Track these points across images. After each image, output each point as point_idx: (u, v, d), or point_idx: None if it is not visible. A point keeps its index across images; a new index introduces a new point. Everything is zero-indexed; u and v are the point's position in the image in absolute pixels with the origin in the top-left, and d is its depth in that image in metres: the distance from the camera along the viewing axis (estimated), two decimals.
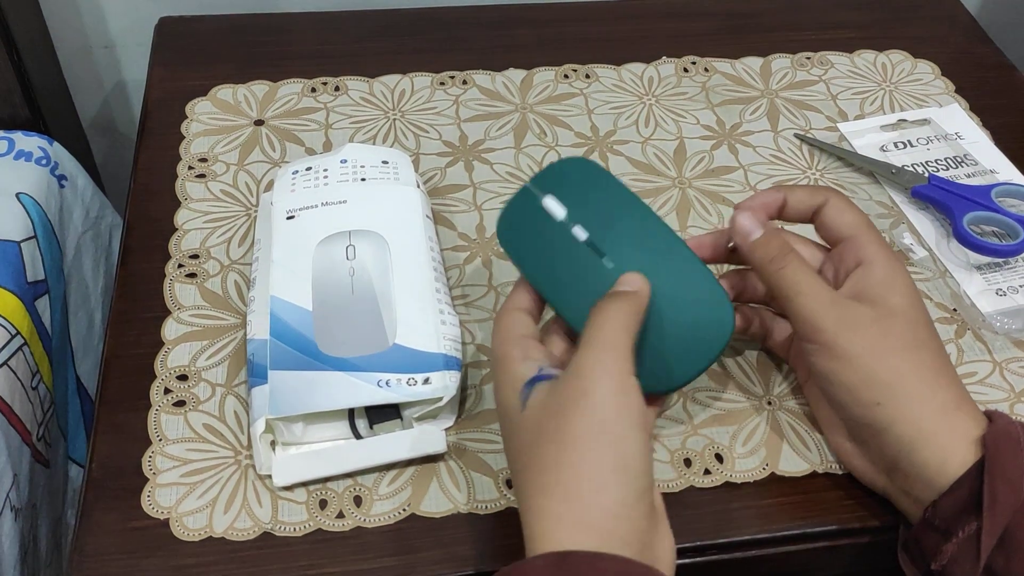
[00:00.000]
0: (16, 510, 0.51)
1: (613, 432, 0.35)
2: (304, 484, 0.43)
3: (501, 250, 0.54)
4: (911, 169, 0.60)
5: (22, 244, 0.58)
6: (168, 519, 0.42)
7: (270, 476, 0.43)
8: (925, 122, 0.64)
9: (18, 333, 0.54)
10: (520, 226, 0.44)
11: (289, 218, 0.50)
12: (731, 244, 0.45)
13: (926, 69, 0.68)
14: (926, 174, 0.58)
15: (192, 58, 0.66)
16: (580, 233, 0.42)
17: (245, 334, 0.48)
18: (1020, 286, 0.53)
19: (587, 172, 0.44)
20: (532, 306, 0.42)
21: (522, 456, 0.37)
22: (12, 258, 0.57)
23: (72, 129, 0.77)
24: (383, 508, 0.43)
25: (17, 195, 0.60)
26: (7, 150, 0.63)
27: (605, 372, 0.36)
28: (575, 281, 0.42)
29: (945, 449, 0.39)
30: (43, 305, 0.59)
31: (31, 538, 0.54)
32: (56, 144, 0.65)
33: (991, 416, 0.40)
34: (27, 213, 0.59)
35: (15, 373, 0.53)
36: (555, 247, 0.42)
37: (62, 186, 0.65)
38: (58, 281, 0.62)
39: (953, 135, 0.63)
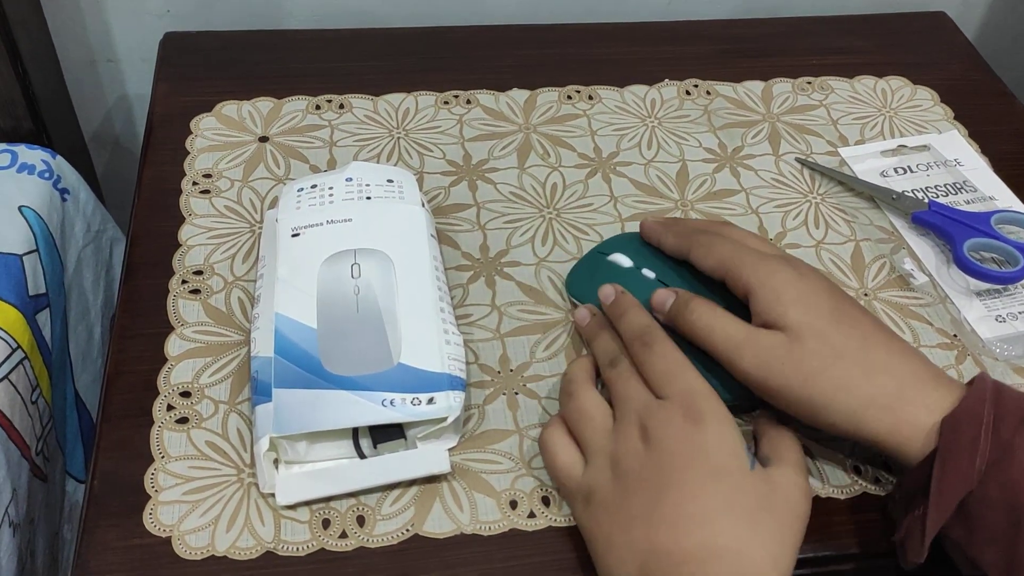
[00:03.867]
0: (14, 525, 0.51)
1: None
2: (307, 503, 0.43)
3: (505, 270, 0.54)
4: (911, 195, 0.60)
5: (24, 257, 0.58)
6: (170, 537, 0.42)
7: (273, 494, 0.43)
8: (925, 148, 0.64)
9: (19, 347, 0.54)
10: (590, 279, 0.51)
11: (294, 236, 0.50)
12: None
13: (925, 95, 0.69)
14: (926, 200, 0.59)
15: (197, 74, 0.66)
16: (648, 274, 0.50)
17: (249, 351, 0.48)
18: (1020, 312, 0.54)
19: (637, 239, 0.53)
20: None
21: (744, 504, 0.38)
22: (14, 271, 0.56)
23: (74, 142, 0.77)
24: (386, 528, 0.43)
25: (20, 208, 0.60)
26: (10, 163, 0.63)
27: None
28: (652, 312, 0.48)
29: (906, 437, 0.40)
30: (44, 319, 0.59)
31: (28, 553, 0.54)
32: (59, 157, 0.65)
33: (971, 382, 0.41)
34: (29, 226, 0.59)
35: (15, 387, 0.53)
36: (629, 289, 0.49)
37: (64, 199, 0.65)
38: (59, 295, 0.62)
39: (952, 161, 0.63)
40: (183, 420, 0.46)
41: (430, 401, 0.44)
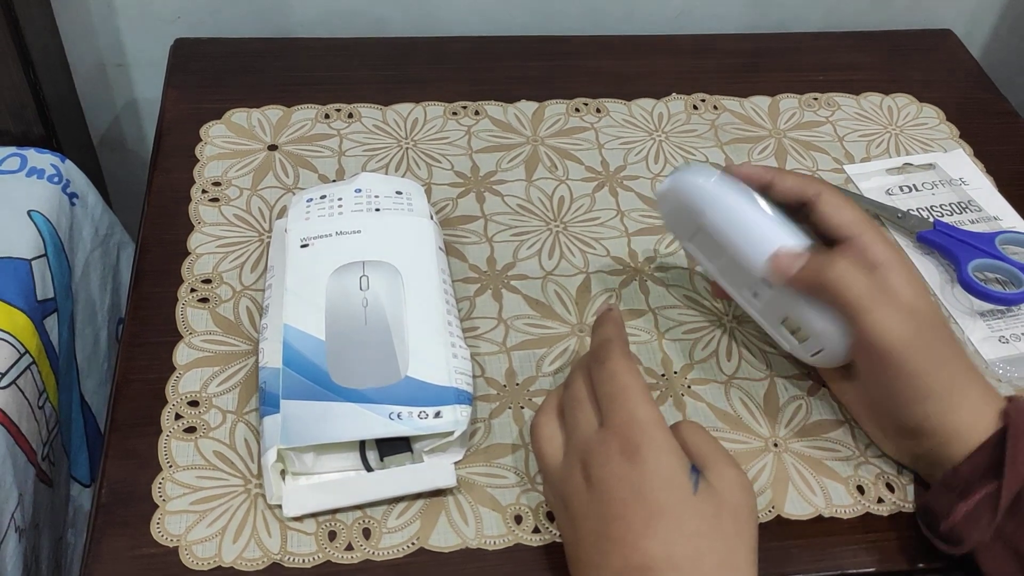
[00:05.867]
0: (20, 531, 0.51)
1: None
2: (313, 515, 0.44)
3: (512, 283, 0.55)
4: (916, 214, 0.60)
5: (33, 262, 0.58)
6: (177, 547, 0.42)
7: (279, 506, 0.43)
8: (930, 167, 0.65)
9: (27, 352, 0.54)
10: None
11: (303, 246, 0.51)
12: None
13: (931, 114, 0.69)
14: (931, 219, 0.59)
15: (207, 80, 0.66)
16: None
17: (257, 361, 0.48)
18: (1023, 334, 0.54)
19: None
20: None
21: (690, 533, 0.38)
22: (23, 276, 0.57)
23: (83, 146, 0.77)
24: (392, 541, 0.43)
25: (29, 213, 0.60)
26: (20, 167, 0.63)
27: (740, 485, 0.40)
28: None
29: (974, 416, 0.42)
30: (51, 323, 0.59)
31: (33, 558, 0.54)
32: (68, 162, 0.66)
33: (1011, 398, 0.44)
34: (38, 231, 0.60)
35: (23, 392, 0.53)
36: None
37: (73, 204, 0.65)
38: (66, 299, 0.62)
39: (958, 180, 0.63)
40: (191, 429, 0.46)
41: (437, 415, 0.45)
